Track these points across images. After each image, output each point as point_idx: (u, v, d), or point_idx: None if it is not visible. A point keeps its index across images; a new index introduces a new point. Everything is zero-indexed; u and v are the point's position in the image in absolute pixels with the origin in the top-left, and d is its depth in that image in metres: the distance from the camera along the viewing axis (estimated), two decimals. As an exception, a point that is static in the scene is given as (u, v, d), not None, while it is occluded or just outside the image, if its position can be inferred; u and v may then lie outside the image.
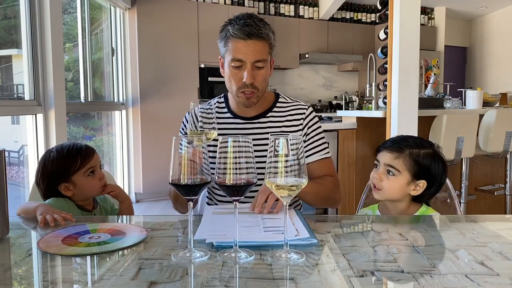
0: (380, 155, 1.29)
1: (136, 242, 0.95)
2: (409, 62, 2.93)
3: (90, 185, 1.36)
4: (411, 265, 0.82)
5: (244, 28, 1.30)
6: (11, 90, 2.98)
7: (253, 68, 1.33)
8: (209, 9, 4.99)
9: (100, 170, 1.41)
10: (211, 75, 4.95)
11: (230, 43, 1.33)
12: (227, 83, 1.41)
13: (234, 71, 1.35)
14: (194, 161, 0.87)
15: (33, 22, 2.62)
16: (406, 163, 1.24)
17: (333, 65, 6.66)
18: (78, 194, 1.36)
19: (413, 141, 1.28)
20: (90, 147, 1.41)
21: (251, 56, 1.32)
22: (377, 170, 1.29)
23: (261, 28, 1.32)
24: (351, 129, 3.43)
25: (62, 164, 1.34)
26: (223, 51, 1.39)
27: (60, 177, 1.33)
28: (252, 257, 0.85)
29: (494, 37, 7.11)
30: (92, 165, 1.37)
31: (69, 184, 1.34)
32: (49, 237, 0.99)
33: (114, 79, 4.51)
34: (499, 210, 3.57)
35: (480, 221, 1.15)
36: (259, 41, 1.32)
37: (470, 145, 3.02)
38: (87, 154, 1.37)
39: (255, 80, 1.34)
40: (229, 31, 1.33)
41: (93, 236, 1.00)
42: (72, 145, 1.38)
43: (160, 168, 4.52)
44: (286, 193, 0.86)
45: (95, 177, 1.38)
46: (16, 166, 3.06)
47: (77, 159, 1.34)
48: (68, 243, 0.94)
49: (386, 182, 1.26)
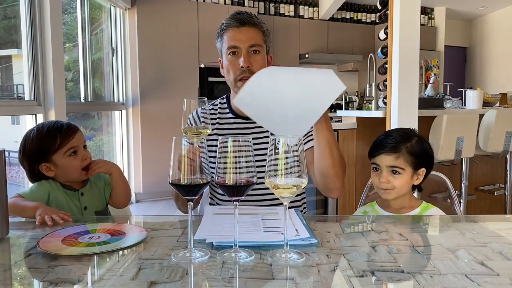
0: (379, 159, 1.32)
1: (136, 242, 0.95)
2: (409, 62, 2.93)
3: (71, 166, 1.29)
4: (411, 265, 0.82)
5: (236, 16, 1.39)
6: (11, 90, 2.98)
7: (249, 53, 1.36)
8: (209, 9, 4.99)
9: (85, 151, 1.34)
10: (211, 75, 4.95)
11: (225, 35, 1.39)
12: (226, 77, 1.41)
13: (231, 59, 1.37)
14: (193, 159, 0.86)
15: (33, 22, 2.62)
16: (406, 159, 1.30)
17: (333, 65, 6.65)
18: (60, 175, 1.30)
19: (399, 135, 1.33)
20: (72, 125, 1.34)
21: (246, 42, 1.35)
22: (379, 173, 1.33)
23: (253, 17, 1.39)
24: (351, 129, 3.43)
25: (42, 143, 1.27)
26: (220, 46, 1.42)
27: (40, 157, 1.27)
28: (252, 257, 0.85)
29: (494, 37, 7.11)
30: (73, 145, 1.30)
31: (50, 164, 1.28)
32: (48, 237, 0.98)
33: (114, 79, 4.51)
34: (499, 210, 3.57)
35: (480, 221, 1.15)
36: (252, 28, 1.37)
37: (470, 145, 3.02)
38: (67, 133, 1.30)
39: (252, 66, 1.35)
40: (223, 24, 1.40)
41: (93, 236, 0.99)
42: (53, 124, 1.31)
43: (160, 168, 4.52)
44: (286, 193, 0.86)
45: (77, 157, 1.30)
46: (16, 166, 3.05)
47: (57, 138, 1.28)
48: (68, 243, 0.93)
49: (394, 182, 1.30)
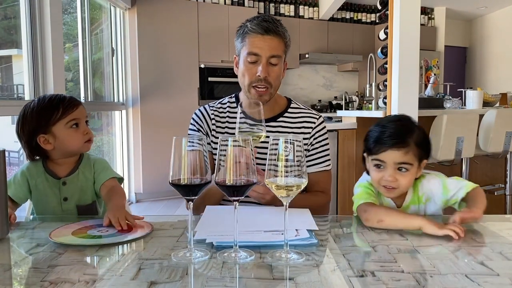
0: (384, 155, 1.17)
1: (139, 237, 0.98)
2: (409, 62, 2.93)
3: (72, 138, 1.25)
4: (411, 265, 0.82)
5: (262, 23, 1.33)
6: (11, 90, 2.98)
7: (268, 63, 1.34)
8: (209, 9, 4.99)
9: (86, 126, 1.30)
10: (211, 75, 4.95)
11: (247, 38, 1.35)
12: (240, 79, 1.41)
13: (249, 65, 1.35)
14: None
15: (33, 22, 2.62)
16: (415, 152, 1.17)
17: (333, 65, 6.65)
18: (58, 148, 1.26)
19: (402, 126, 1.20)
20: (75, 98, 1.31)
21: (267, 51, 1.33)
22: (382, 170, 1.19)
23: (279, 26, 1.35)
24: (351, 129, 3.43)
25: (43, 112, 1.24)
26: (240, 46, 1.39)
27: (39, 127, 1.24)
28: (252, 257, 0.85)
29: (494, 37, 7.11)
30: (76, 116, 1.26)
31: (49, 136, 1.24)
32: (63, 228, 1.05)
33: (114, 79, 4.51)
34: (499, 210, 3.57)
35: (480, 221, 1.15)
36: (276, 37, 1.34)
37: (470, 145, 3.02)
38: (69, 104, 1.26)
39: (269, 76, 1.34)
40: (247, 26, 1.36)
41: (102, 230, 1.04)
42: (56, 95, 1.29)
43: (160, 168, 4.53)
44: (286, 193, 0.86)
45: (79, 130, 1.27)
46: (16, 166, 3.06)
47: (59, 108, 1.24)
48: (76, 234, 1.00)
49: (401, 180, 1.17)
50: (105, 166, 1.34)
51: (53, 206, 1.29)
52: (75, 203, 1.30)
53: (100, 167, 1.33)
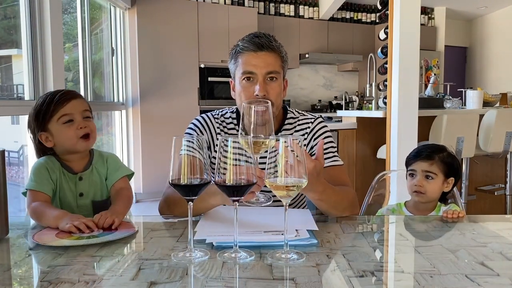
0: (415, 165, 1.47)
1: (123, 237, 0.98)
2: (409, 62, 2.93)
3: (64, 134, 1.21)
4: (411, 265, 0.82)
5: (254, 39, 1.27)
6: (11, 90, 2.97)
7: (265, 80, 1.27)
8: (209, 9, 4.98)
9: (85, 121, 1.24)
10: (211, 75, 4.95)
11: (240, 58, 1.29)
12: (238, 101, 1.33)
13: (245, 85, 1.28)
14: None
15: (33, 22, 2.62)
16: (439, 166, 1.45)
17: (333, 65, 6.65)
18: (58, 145, 1.23)
19: (434, 147, 1.51)
20: (72, 92, 1.25)
21: (263, 68, 1.26)
22: (414, 178, 1.46)
23: (272, 41, 1.29)
24: (351, 129, 3.44)
25: (39, 110, 1.22)
26: (233, 68, 1.32)
27: (38, 125, 1.22)
28: (252, 257, 0.85)
29: (494, 37, 7.11)
30: (67, 111, 1.21)
31: (48, 134, 1.22)
32: (45, 230, 1.04)
33: (114, 79, 4.51)
34: (499, 210, 3.57)
35: (480, 221, 1.16)
36: (270, 53, 1.27)
37: (470, 145, 3.02)
38: (60, 100, 1.21)
39: (268, 93, 1.26)
40: (238, 45, 1.29)
41: None
42: (58, 90, 1.24)
43: (160, 168, 4.52)
44: (286, 193, 0.86)
45: (72, 126, 1.21)
46: (16, 166, 3.05)
47: (50, 105, 1.21)
48: (60, 237, 0.99)
49: (427, 186, 1.43)
50: (117, 164, 1.31)
51: (68, 202, 1.24)
52: (91, 199, 1.27)
53: (113, 164, 1.31)
